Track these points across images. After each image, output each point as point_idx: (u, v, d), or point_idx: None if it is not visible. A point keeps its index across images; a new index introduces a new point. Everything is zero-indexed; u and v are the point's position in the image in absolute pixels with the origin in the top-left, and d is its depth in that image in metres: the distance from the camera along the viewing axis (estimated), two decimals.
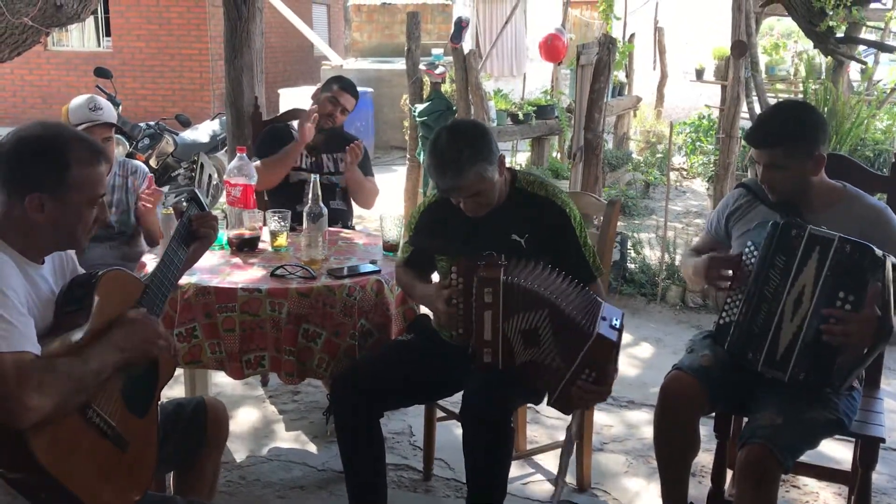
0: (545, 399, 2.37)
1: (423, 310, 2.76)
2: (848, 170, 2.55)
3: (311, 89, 5.69)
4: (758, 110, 5.86)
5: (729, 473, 2.56)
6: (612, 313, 2.29)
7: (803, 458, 2.27)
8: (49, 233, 1.75)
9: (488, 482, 2.35)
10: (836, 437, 2.34)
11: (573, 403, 2.29)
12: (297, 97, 8.88)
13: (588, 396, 2.24)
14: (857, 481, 2.36)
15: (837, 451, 3.07)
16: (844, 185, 2.39)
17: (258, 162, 3.37)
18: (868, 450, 2.28)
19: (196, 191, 2.14)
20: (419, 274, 2.62)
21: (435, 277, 2.65)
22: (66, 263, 1.91)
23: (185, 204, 2.12)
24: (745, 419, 2.36)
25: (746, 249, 2.30)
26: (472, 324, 2.28)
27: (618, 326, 2.24)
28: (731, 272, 2.33)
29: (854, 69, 7.86)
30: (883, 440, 2.28)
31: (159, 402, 2.09)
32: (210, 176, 2.27)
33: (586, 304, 2.29)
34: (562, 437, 3.13)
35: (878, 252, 2.11)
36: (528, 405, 3.35)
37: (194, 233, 2.07)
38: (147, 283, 1.90)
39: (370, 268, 2.75)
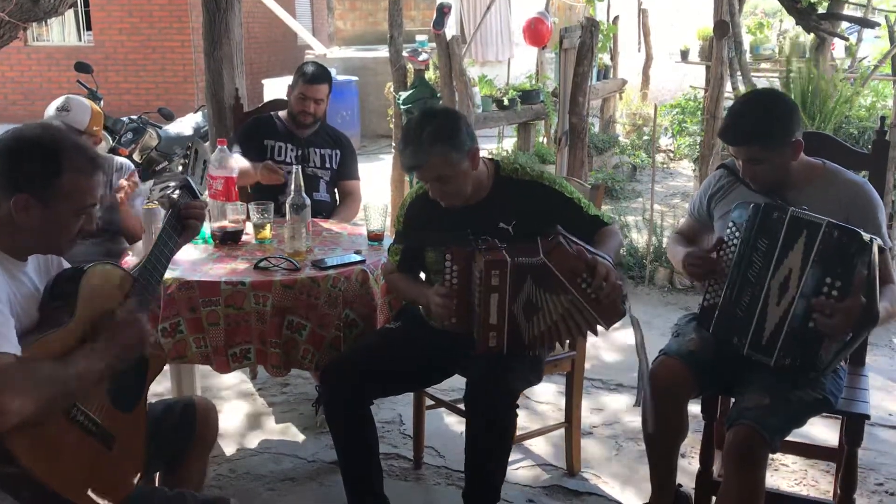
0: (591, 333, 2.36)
1: None
2: (829, 148, 2.54)
3: None
4: (742, 90, 5.86)
5: (717, 454, 2.57)
6: (551, 234, 2.31)
7: (790, 437, 2.28)
8: (31, 236, 1.73)
9: (492, 470, 2.36)
10: (823, 415, 2.35)
11: (611, 304, 2.27)
12: (281, 87, 8.75)
13: (606, 287, 2.23)
14: (843, 458, 2.37)
15: (824, 429, 3.09)
16: (824, 162, 2.39)
17: (238, 155, 3.30)
18: (854, 427, 2.29)
19: (188, 178, 2.04)
20: (413, 277, 2.63)
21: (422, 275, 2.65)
22: (50, 260, 1.88)
23: (176, 192, 2.01)
24: (732, 400, 2.37)
25: (728, 230, 2.30)
26: (475, 308, 2.28)
27: (554, 235, 2.27)
28: (710, 267, 2.32)
29: (839, 46, 7.86)
30: (868, 417, 2.29)
31: (149, 402, 2.09)
32: (205, 162, 2.14)
33: (534, 245, 2.31)
34: (551, 421, 3.15)
35: (866, 236, 2.10)
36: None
37: (184, 223, 1.99)
38: (136, 275, 1.86)
39: (355, 258, 2.74)
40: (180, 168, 2.09)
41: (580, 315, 2.28)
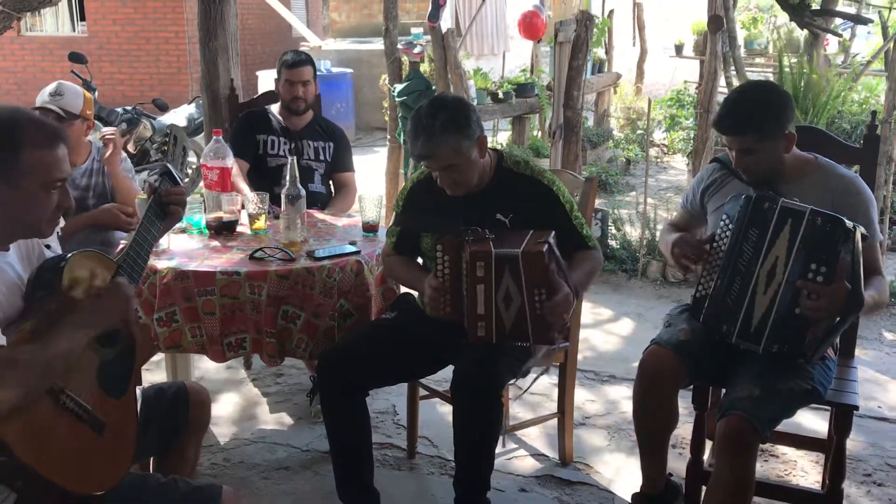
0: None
1: (405, 288, 2.77)
2: (822, 142, 2.57)
3: None
4: (736, 84, 5.87)
5: (708, 444, 2.60)
6: (543, 236, 2.30)
7: (781, 428, 2.31)
8: (6, 220, 1.70)
9: (478, 459, 2.38)
10: (813, 406, 2.38)
11: (546, 329, 2.27)
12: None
13: (555, 314, 2.23)
14: (832, 449, 2.40)
15: (814, 419, 3.12)
16: (816, 156, 2.41)
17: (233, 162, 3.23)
18: (842, 417, 2.32)
19: (168, 165, 2.05)
20: (409, 260, 2.63)
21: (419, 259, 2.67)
22: (31, 250, 1.85)
23: (157, 179, 2.00)
24: (723, 391, 2.40)
25: (721, 223, 2.32)
26: (464, 299, 2.29)
27: (544, 241, 2.26)
28: (698, 254, 2.34)
29: (833, 42, 7.88)
30: (856, 408, 2.31)
31: (141, 388, 2.09)
32: (184, 148, 2.18)
33: (523, 236, 2.30)
34: (545, 412, 3.16)
35: (849, 223, 2.13)
36: (511, 382, 3.39)
37: (165, 209, 1.97)
38: (119, 262, 1.84)
39: (350, 249, 2.75)
40: (160, 155, 2.09)
41: (521, 322, 2.27)
